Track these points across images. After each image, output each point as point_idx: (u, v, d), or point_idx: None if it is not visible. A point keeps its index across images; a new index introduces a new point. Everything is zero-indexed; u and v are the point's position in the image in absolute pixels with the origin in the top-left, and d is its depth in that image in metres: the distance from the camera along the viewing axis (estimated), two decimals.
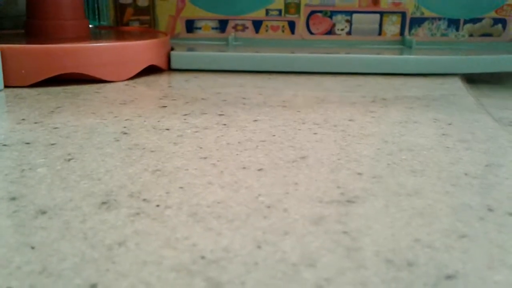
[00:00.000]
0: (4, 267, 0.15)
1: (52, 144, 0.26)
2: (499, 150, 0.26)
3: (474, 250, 0.16)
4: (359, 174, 0.22)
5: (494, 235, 0.17)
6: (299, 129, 0.29)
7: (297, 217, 0.18)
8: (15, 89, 0.40)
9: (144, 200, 0.19)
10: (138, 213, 0.18)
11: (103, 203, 0.19)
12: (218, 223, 0.18)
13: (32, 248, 0.16)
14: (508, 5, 0.54)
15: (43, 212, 0.18)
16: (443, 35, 0.56)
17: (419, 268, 0.15)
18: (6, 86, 0.40)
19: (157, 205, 0.19)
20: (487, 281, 0.14)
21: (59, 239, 0.16)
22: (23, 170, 0.22)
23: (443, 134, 0.29)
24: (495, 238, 0.17)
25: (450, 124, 0.31)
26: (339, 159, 0.24)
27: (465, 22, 0.56)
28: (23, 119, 0.31)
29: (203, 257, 0.15)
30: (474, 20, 0.56)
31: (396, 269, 0.15)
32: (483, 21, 0.55)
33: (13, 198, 0.19)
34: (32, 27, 0.48)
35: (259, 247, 0.16)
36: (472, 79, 0.50)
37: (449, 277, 0.15)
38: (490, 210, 0.19)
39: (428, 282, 0.14)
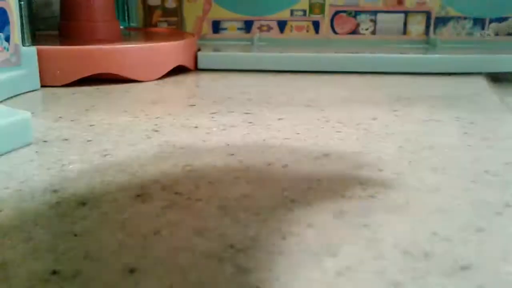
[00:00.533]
0: (51, 252, 0.16)
1: (89, 141, 0.28)
2: None
3: (489, 243, 0.17)
4: (380, 170, 0.23)
5: (510, 230, 0.18)
6: (322, 127, 0.30)
7: (320, 211, 0.19)
8: (51, 89, 0.42)
9: (176, 193, 0.21)
10: (170, 205, 0.19)
11: (138, 195, 0.20)
12: (245, 215, 0.19)
13: (75, 235, 0.17)
14: None
15: (83, 204, 0.20)
16: (468, 34, 0.56)
17: (435, 259, 0.16)
18: (42, 86, 0.42)
19: (188, 198, 0.20)
20: (500, 272, 0.15)
21: (99, 228, 0.18)
22: (63, 164, 0.24)
23: (465, 133, 0.30)
24: (511, 232, 0.17)
25: (472, 123, 0.32)
26: (361, 157, 0.25)
27: (491, 21, 0.56)
28: (60, 117, 0.33)
29: (232, 246, 0.16)
30: (500, 19, 0.55)
31: (413, 259, 0.16)
32: (509, 20, 0.55)
33: (55, 191, 0.21)
34: (66, 29, 0.50)
35: (283, 238, 0.17)
36: (497, 78, 0.50)
37: (464, 268, 0.15)
38: (508, 206, 0.20)
39: (444, 272, 0.15)
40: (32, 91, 0.41)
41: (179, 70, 0.49)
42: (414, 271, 0.15)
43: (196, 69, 0.51)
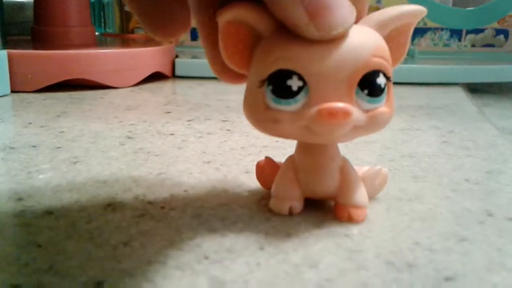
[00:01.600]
0: (12, 264, 0.15)
1: (58, 148, 0.26)
2: (500, 157, 0.27)
3: (473, 253, 0.16)
4: None
5: (493, 239, 0.17)
6: None
7: (300, 220, 0.18)
8: (21, 94, 0.40)
9: (149, 202, 0.20)
10: (143, 215, 0.19)
11: (108, 205, 0.19)
12: (222, 225, 0.18)
13: (39, 246, 0.16)
14: (511, 16, 0.55)
15: (50, 213, 0.19)
16: (445, 45, 0.57)
17: (419, 270, 0.15)
18: (12, 91, 0.40)
19: (162, 207, 0.19)
20: (485, 282, 0.15)
21: (66, 238, 0.17)
22: (29, 172, 0.23)
23: (445, 142, 0.29)
24: (494, 242, 0.17)
25: (451, 132, 0.32)
26: None
27: (468, 32, 0.56)
28: (29, 123, 0.31)
29: (206, 257, 0.16)
30: (477, 31, 0.56)
31: (396, 270, 0.15)
32: (486, 32, 0.56)
33: (20, 199, 0.20)
34: (38, 34, 0.49)
35: (261, 248, 0.16)
36: (475, 89, 0.50)
37: (448, 278, 0.15)
38: (489, 215, 0.19)
39: (428, 283, 0.14)
40: (2, 96, 0.39)
41: (155, 77, 0.48)
42: (398, 282, 0.14)
43: (174, 76, 0.50)
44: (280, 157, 0.21)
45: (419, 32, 0.57)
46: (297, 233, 0.17)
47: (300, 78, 0.15)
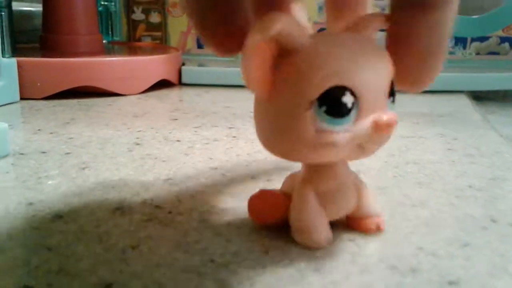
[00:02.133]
0: (23, 266, 0.15)
1: (67, 153, 0.27)
2: (504, 164, 0.27)
3: (476, 258, 0.16)
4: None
5: (496, 245, 0.17)
6: None
7: None
8: (30, 101, 0.41)
9: (157, 207, 0.20)
10: (150, 219, 0.19)
11: (117, 209, 0.20)
12: (227, 229, 0.18)
13: (49, 249, 0.16)
14: None
15: (60, 217, 0.19)
16: (450, 53, 0.57)
17: (422, 274, 0.15)
18: (22, 98, 0.41)
19: (169, 212, 0.20)
20: (488, 287, 0.15)
21: (75, 242, 0.17)
22: (39, 177, 0.23)
23: (449, 149, 0.30)
24: (497, 247, 0.17)
25: (456, 139, 0.32)
26: None
27: (472, 40, 0.57)
28: (39, 130, 0.32)
29: (212, 261, 0.16)
30: (481, 39, 0.56)
31: (400, 275, 0.15)
32: (490, 40, 0.56)
33: (31, 203, 0.20)
34: (47, 42, 0.50)
35: (266, 252, 0.17)
36: (479, 97, 0.50)
37: (451, 283, 0.15)
38: (493, 221, 0.19)
39: (431, 287, 0.15)
40: (11, 103, 0.40)
41: (162, 85, 0.48)
42: (401, 287, 0.15)
43: (180, 83, 0.51)
44: (284, 163, 0.21)
45: None
46: None
47: (352, 93, 0.14)
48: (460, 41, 0.57)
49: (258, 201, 0.18)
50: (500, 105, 0.48)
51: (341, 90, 0.14)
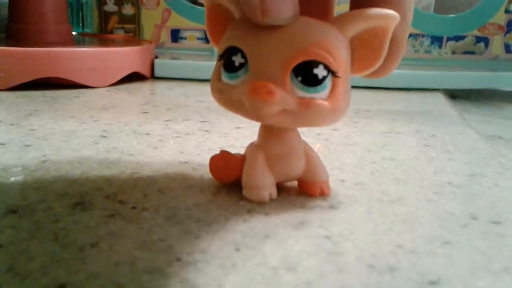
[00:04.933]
0: None
1: (28, 146, 0.25)
2: (482, 161, 0.26)
3: (457, 256, 0.16)
4: (342, 181, 0.22)
5: (477, 242, 0.17)
6: None
7: (278, 221, 0.18)
8: None
9: (120, 202, 0.19)
10: (113, 215, 0.18)
11: (77, 204, 0.18)
12: (196, 226, 0.17)
13: (0, 246, 0.15)
14: (491, 24, 0.55)
15: (14, 211, 0.17)
16: (426, 52, 0.57)
17: (402, 273, 0.15)
18: None
19: (133, 207, 0.18)
20: (470, 287, 0.14)
21: (28, 239, 0.16)
22: None
23: (426, 145, 0.29)
24: (479, 245, 0.16)
25: (432, 135, 0.31)
26: None
27: (448, 39, 0.57)
28: None
29: (179, 259, 0.15)
30: (457, 38, 0.56)
31: (378, 274, 0.14)
32: (466, 39, 0.56)
33: None
34: (13, 31, 0.47)
35: (237, 249, 0.15)
36: (455, 95, 0.50)
37: (432, 282, 0.14)
38: (473, 218, 0.19)
39: (411, 287, 0.14)
40: None
41: (134, 78, 0.47)
42: (380, 286, 0.14)
43: (153, 77, 0.49)
44: None
45: None
46: (275, 235, 0.16)
47: (243, 56, 0.17)
48: (436, 40, 0.57)
49: (220, 160, 0.21)
50: (475, 104, 0.48)
51: (234, 50, 0.17)
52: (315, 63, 0.16)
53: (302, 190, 0.20)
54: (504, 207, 0.20)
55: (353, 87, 0.19)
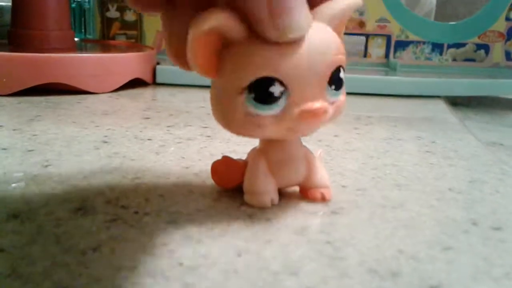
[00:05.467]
0: None
1: (30, 151, 0.25)
2: (483, 167, 0.26)
3: (458, 262, 0.16)
4: (344, 186, 0.22)
5: (478, 248, 0.17)
6: None
7: (280, 226, 0.18)
8: None
9: (122, 207, 0.19)
10: (114, 219, 0.18)
11: (79, 209, 0.18)
12: (198, 230, 0.17)
13: (1, 250, 0.15)
14: (491, 31, 0.55)
15: (15, 216, 0.17)
16: (427, 59, 0.57)
17: (403, 278, 0.15)
18: None
19: (135, 212, 0.18)
20: None
21: (31, 243, 0.16)
22: None
23: (427, 152, 0.29)
24: (480, 251, 0.16)
25: (433, 142, 0.31)
26: None
27: (449, 46, 0.57)
28: (1, 126, 0.30)
29: (181, 264, 0.15)
30: (458, 45, 0.57)
31: (380, 278, 0.14)
32: (466, 46, 0.56)
33: None
34: (16, 37, 0.48)
35: (239, 255, 0.15)
36: (455, 103, 0.50)
37: (433, 287, 0.14)
38: (474, 224, 0.19)
39: None
40: None
41: (136, 84, 0.47)
42: None
43: (154, 83, 0.50)
44: None
45: (401, 45, 0.57)
46: (277, 240, 0.17)
47: (281, 83, 0.16)
48: (437, 47, 0.57)
49: (221, 165, 0.20)
50: (476, 111, 0.48)
51: (270, 80, 0.16)
52: (339, 68, 0.17)
53: (303, 195, 0.20)
54: (505, 213, 0.20)
55: (354, 93, 0.20)
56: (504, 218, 0.19)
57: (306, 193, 0.20)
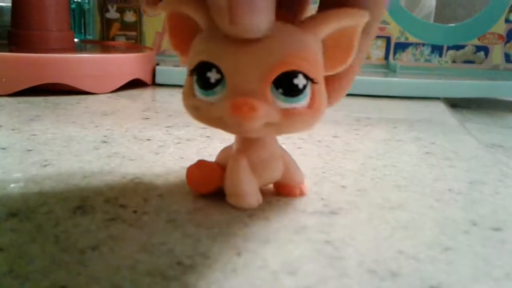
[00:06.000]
0: None
1: (29, 150, 0.25)
2: (482, 168, 0.26)
3: (458, 262, 0.16)
4: (343, 187, 0.22)
5: (478, 249, 0.17)
6: (283, 143, 0.29)
7: (279, 226, 0.18)
8: None
9: (121, 206, 0.19)
10: (113, 219, 0.18)
11: (78, 208, 0.18)
12: (197, 230, 0.17)
13: (0, 249, 0.15)
14: (491, 33, 0.55)
15: (14, 215, 0.17)
16: (426, 60, 0.57)
17: (403, 278, 0.15)
18: None
19: (134, 211, 0.18)
20: None
21: (29, 242, 0.16)
22: None
23: (427, 153, 0.29)
24: (480, 251, 0.16)
25: (433, 143, 0.31)
26: (323, 173, 0.24)
27: (448, 48, 0.57)
28: (0, 126, 0.30)
29: (179, 263, 0.15)
30: (457, 47, 0.57)
31: (379, 279, 0.14)
32: (466, 48, 0.56)
33: None
34: (15, 37, 0.48)
35: (238, 254, 0.15)
36: (455, 104, 0.50)
37: (433, 287, 0.14)
38: (474, 224, 0.19)
39: None
40: None
41: (135, 85, 0.47)
42: None
43: (154, 84, 0.50)
44: None
45: (400, 47, 0.57)
46: (276, 239, 0.16)
47: (219, 71, 0.16)
48: (436, 49, 0.57)
49: (196, 170, 0.20)
50: (475, 113, 0.48)
51: (208, 65, 0.16)
52: (294, 73, 0.16)
53: (279, 192, 0.20)
54: (504, 214, 0.20)
55: (354, 95, 0.19)
56: (504, 219, 0.19)
57: (284, 190, 0.20)
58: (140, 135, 0.29)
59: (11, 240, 0.16)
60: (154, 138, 0.29)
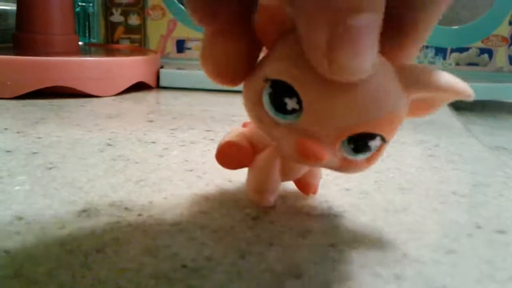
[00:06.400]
0: None
1: (34, 153, 0.25)
2: (486, 171, 0.26)
3: (462, 265, 0.16)
4: (347, 190, 0.22)
5: (482, 251, 0.17)
6: None
7: (283, 229, 0.18)
8: (0, 101, 0.39)
9: (126, 209, 0.19)
10: (118, 221, 0.18)
11: (83, 210, 0.18)
12: (201, 233, 0.17)
13: (6, 252, 0.15)
14: (494, 35, 0.55)
15: (20, 218, 0.18)
16: (430, 63, 0.57)
17: (407, 281, 0.15)
18: None
19: (139, 214, 0.18)
20: None
21: (35, 245, 0.16)
22: (1, 177, 0.22)
23: (431, 155, 0.29)
24: (484, 254, 0.16)
25: (437, 146, 0.31)
26: (327, 175, 0.24)
27: (452, 51, 0.57)
28: (5, 129, 0.30)
29: (184, 266, 0.15)
30: (461, 50, 0.57)
31: (384, 282, 0.14)
32: (470, 51, 0.56)
33: None
34: (20, 41, 0.48)
35: (242, 257, 0.15)
36: (459, 107, 0.50)
37: None
38: (478, 227, 0.19)
39: None
40: None
41: (139, 88, 0.47)
42: None
43: (158, 87, 0.50)
44: None
45: None
46: (280, 242, 0.17)
47: (299, 102, 0.14)
48: (440, 52, 0.57)
49: (231, 148, 0.19)
50: (479, 116, 0.48)
51: (289, 90, 0.14)
52: (373, 136, 0.14)
53: (298, 187, 0.21)
54: (508, 217, 0.20)
55: None
56: (508, 222, 0.19)
57: (300, 185, 0.21)
58: (145, 138, 0.30)
59: (17, 243, 0.16)
60: (159, 141, 0.29)
